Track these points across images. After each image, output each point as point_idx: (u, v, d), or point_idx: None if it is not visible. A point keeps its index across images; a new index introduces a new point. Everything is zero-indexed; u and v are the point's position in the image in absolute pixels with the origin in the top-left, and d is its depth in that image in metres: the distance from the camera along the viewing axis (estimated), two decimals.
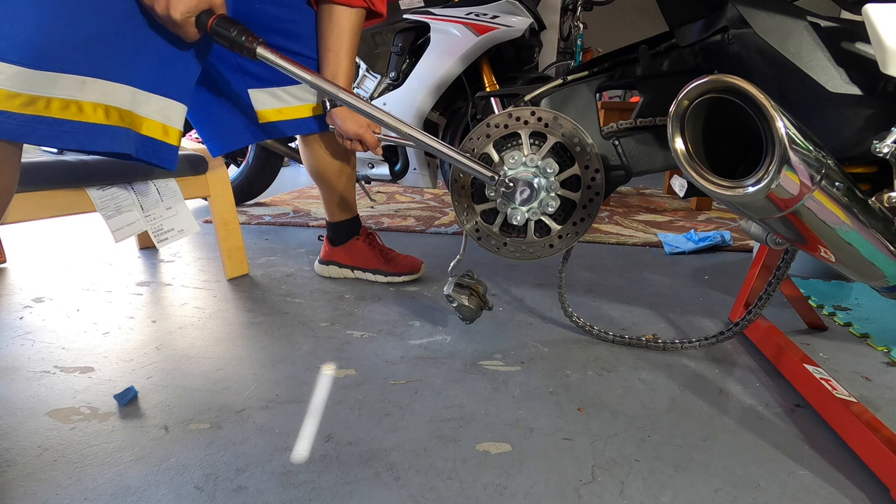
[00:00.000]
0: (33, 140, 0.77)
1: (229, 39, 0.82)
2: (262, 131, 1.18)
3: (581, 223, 0.94)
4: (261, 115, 1.16)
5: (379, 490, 0.65)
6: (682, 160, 0.67)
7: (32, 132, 0.76)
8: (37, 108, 0.75)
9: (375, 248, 1.42)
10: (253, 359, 0.98)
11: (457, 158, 0.89)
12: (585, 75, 0.97)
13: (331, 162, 1.32)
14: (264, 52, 0.83)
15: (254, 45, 0.82)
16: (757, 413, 0.84)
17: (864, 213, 0.68)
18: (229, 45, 0.83)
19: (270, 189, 2.50)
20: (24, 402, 0.83)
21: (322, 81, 0.86)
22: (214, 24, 0.81)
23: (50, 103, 0.76)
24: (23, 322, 1.12)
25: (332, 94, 0.86)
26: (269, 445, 0.73)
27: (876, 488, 0.67)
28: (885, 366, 0.99)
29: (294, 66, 0.84)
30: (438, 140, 0.89)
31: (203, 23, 0.81)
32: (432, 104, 1.96)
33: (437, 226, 2.07)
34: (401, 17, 2.00)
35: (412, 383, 0.90)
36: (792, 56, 0.71)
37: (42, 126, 0.77)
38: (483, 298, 1.03)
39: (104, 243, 1.74)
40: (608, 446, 0.75)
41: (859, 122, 0.71)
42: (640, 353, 1.02)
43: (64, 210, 1.12)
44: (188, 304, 1.24)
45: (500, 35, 1.84)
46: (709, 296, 1.36)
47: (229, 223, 1.43)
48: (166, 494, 0.64)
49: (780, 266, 0.91)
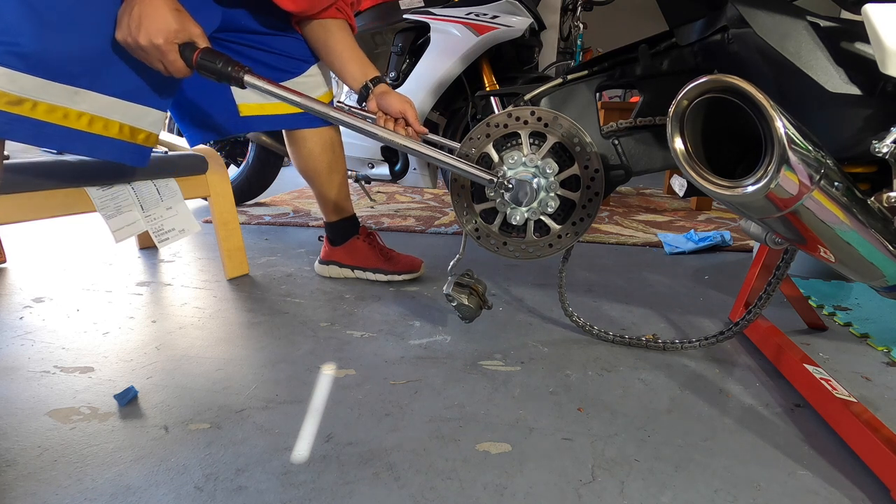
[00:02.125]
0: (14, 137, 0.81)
1: (216, 72, 0.84)
2: (243, 124, 1.20)
3: (580, 223, 0.94)
4: (242, 109, 1.17)
5: (379, 490, 0.65)
6: (682, 160, 0.67)
7: (14, 130, 0.80)
8: (22, 109, 0.79)
9: (375, 247, 1.42)
10: (253, 359, 0.98)
11: (454, 165, 0.89)
12: (585, 75, 0.97)
13: (319, 159, 1.32)
14: (252, 80, 0.85)
15: (241, 73, 0.84)
16: (757, 413, 0.84)
17: (864, 212, 0.68)
18: (217, 77, 0.85)
19: (270, 189, 2.50)
20: (24, 402, 0.83)
21: (313, 103, 0.88)
22: (199, 57, 0.83)
23: (36, 106, 0.80)
24: (23, 322, 1.12)
25: (324, 115, 0.88)
26: (269, 445, 0.73)
27: (876, 488, 0.67)
28: (885, 366, 0.99)
29: (283, 91, 0.86)
30: (435, 149, 0.90)
31: (188, 57, 0.83)
32: (432, 104, 1.96)
33: (437, 226, 2.07)
34: (401, 17, 2.00)
35: (412, 383, 0.90)
36: (791, 56, 0.71)
37: (25, 126, 0.81)
38: (483, 298, 1.03)
39: (104, 243, 1.74)
40: (608, 446, 0.75)
41: (858, 121, 0.71)
42: (640, 353, 1.02)
43: (64, 210, 1.12)
44: (188, 304, 1.24)
45: (500, 35, 1.84)
46: (709, 296, 1.36)
47: (229, 223, 1.43)
48: (166, 494, 0.64)
49: (780, 266, 0.91)
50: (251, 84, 0.84)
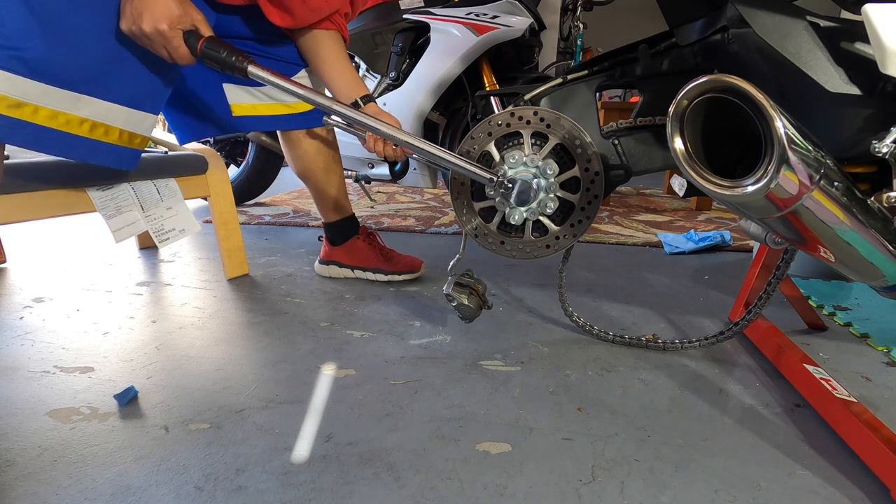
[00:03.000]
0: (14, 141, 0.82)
1: (220, 61, 0.84)
2: (235, 124, 1.20)
3: (579, 225, 0.94)
4: (234, 109, 1.17)
5: (379, 490, 0.65)
6: (682, 160, 0.67)
7: (14, 134, 0.80)
8: (23, 113, 0.79)
9: (375, 247, 1.42)
10: (253, 359, 0.98)
11: (455, 162, 0.89)
12: (585, 75, 0.97)
13: (314, 159, 1.32)
14: (255, 71, 0.85)
15: (244, 64, 0.84)
16: (757, 413, 0.84)
17: (864, 212, 0.68)
18: (220, 66, 0.85)
19: (270, 189, 2.50)
20: (24, 402, 0.83)
21: (315, 95, 0.88)
22: (204, 46, 0.83)
23: (38, 111, 0.81)
24: (23, 322, 1.12)
25: (327, 107, 0.88)
26: (269, 445, 0.73)
27: (876, 488, 0.67)
28: (885, 366, 0.99)
29: (286, 82, 0.86)
30: (436, 146, 0.90)
31: (193, 45, 0.83)
32: (432, 104, 1.96)
33: (437, 226, 2.07)
34: (401, 17, 2.00)
35: (412, 383, 0.90)
36: (791, 56, 0.71)
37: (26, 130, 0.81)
38: (483, 297, 1.03)
39: (104, 243, 1.74)
40: (608, 446, 0.75)
41: (858, 121, 0.71)
42: (640, 353, 1.02)
43: (64, 210, 1.12)
44: (188, 304, 1.24)
45: (500, 35, 1.84)
46: (709, 296, 1.36)
47: (229, 223, 1.43)
48: (166, 494, 0.64)
49: (780, 266, 0.91)
50: (254, 75, 0.84)
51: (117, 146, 0.93)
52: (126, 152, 0.95)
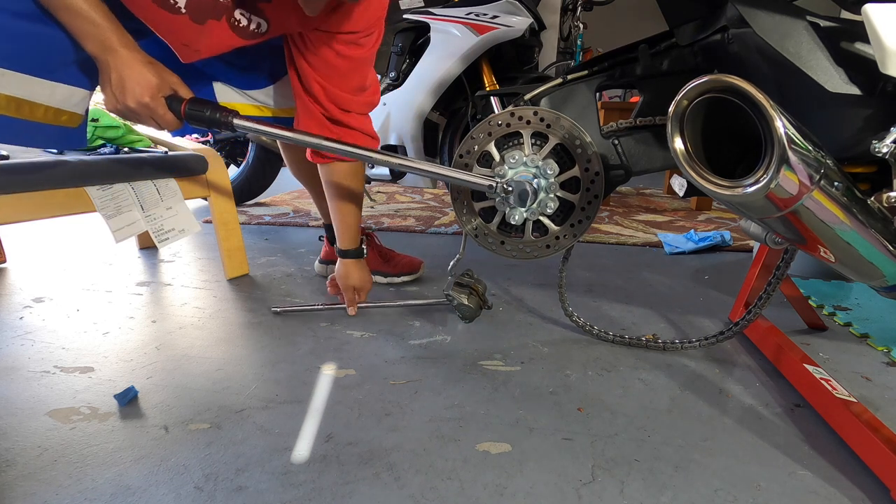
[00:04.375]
0: None
1: (205, 120, 0.85)
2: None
3: (579, 225, 0.94)
4: None
5: (379, 490, 0.65)
6: (682, 160, 0.67)
7: None
8: None
9: (375, 248, 1.42)
10: (253, 359, 0.98)
11: (452, 176, 0.89)
12: (585, 75, 0.97)
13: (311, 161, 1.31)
14: (241, 122, 0.86)
15: (229, 118, 0.85)
16: (757, 413, 0.84)
17: (864, 212, 0.68)
18: (207, 125, 0.86)
19: (270, 189, 2.50)
20: (24, 402, 0.83)
21: (304, 136, 0.89)
22: (188, 108, 0.84)
23: None
24: (23, 322, 1.12)
25: (316, 145, 0.90)
26: (269, 445, 0.73)
27: (876, 488, 0.67)
28: (885, 366, 0.99)
29: (272, 128, 0.88)
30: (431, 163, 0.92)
31: (176, 110, 0.84)
32: (432, 104, 1.96)
33: (437, 226, 2.07)
34: (401, 17, 2.00)
35: (412, 383, 0.90)
36: (791, 56, 0.71)
37: None
38: (482, 297, 1.03)
39: (104, 243, 1.74)
40: (608, 446, 0.75)
41: (858, 121, 0.71)
42: (640, 353, 1.02)
43: (64, 210, 1.12)
44: (188, 304, 1.24)
45: (500, 35, 1.84)
46: (709, 296, 1.36)
47: (229, 223, 1.43)
48: (166, 494, 0.64)
49: (780, 266, 0.91)
50: (240, 126, 0.87)
51: (49, 126, 0.85)
52: (59, 131, 0.87)
